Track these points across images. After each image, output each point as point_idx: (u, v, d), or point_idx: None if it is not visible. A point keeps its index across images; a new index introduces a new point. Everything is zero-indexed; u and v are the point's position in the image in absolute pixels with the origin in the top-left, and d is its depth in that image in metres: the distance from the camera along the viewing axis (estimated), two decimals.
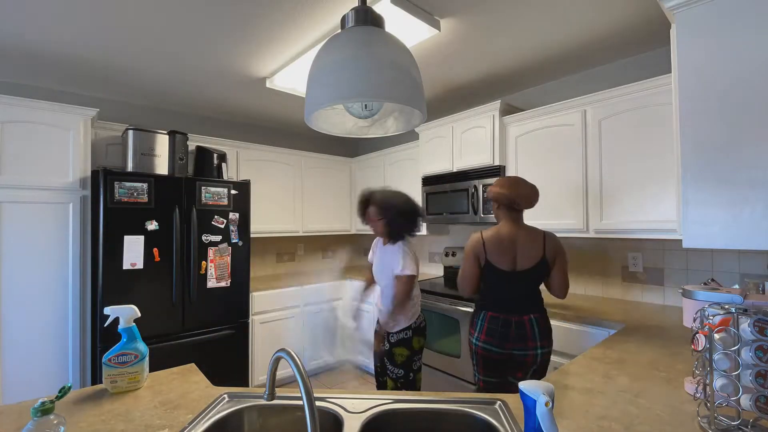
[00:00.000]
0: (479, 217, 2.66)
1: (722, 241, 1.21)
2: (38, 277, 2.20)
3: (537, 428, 0.72)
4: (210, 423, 0.96)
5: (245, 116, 3.49)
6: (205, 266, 2.64)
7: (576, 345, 1.95)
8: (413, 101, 0.84)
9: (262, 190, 3.34)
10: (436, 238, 3.53)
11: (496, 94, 3.02)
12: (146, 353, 1.19)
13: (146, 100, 3.01)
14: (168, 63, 2.35)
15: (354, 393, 1.08)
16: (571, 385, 1.11)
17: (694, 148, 1.27)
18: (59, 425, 0.81)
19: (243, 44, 2.11)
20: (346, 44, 0.83)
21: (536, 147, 2.45)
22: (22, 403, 1.06)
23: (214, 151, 2.90)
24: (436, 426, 0.99)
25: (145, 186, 2.41)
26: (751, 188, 1.16)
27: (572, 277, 2.58)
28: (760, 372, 0.78)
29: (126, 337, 1.16)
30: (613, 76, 2.42)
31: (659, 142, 1.94)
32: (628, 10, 1.84)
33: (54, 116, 2.27)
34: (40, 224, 2.22)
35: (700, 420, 0.87)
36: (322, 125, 1.02)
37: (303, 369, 0.73)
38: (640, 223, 2.00)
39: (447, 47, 2.19)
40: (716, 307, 0.86)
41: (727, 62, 1.21)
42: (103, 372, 1.12)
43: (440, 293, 2.63)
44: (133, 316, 1.17)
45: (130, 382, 1.14)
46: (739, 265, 1.94)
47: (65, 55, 2.22)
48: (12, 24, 1.88)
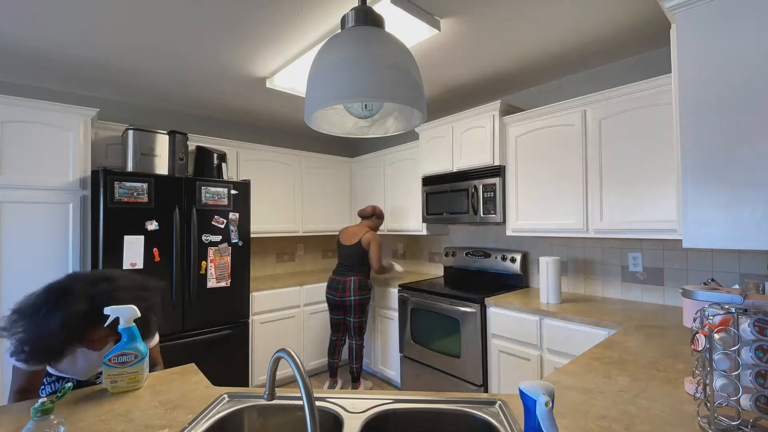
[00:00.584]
0: (479, 217, 2.66)
1: (722, 241, 1.21)
2: (38, 277, 2.20)
3: (537, 428, 0.72)
4: (210, 423, 0.96)
5: (245, 116, 3.49)
6: (205, 266, 2.64)
7: (576, 345, 1.95)
8: (413, 101, 0.84)
9: (262, 190, 3.34)
10: (436, 238, 3.53)
11: (496, 94, 3.02)
12: (146, 353, 1.19)
13: (146, 100, 3.01)
14: (168, 63, 2.35)
15: (354, 393, 1.08)
16: (571, 385, 1.11)
17: (694, 148, 1.27)
18: (59, 425, 0.81)
19: (243, 44, 2.11)
20: (346, 44, 0.83)
21: (536, 147, 2.45)
22: (22, 403, 1.05)
23: (214, 151, 2.90)
24: (436, 426, 0.99)
25: (145, 186, 2.41)
26: (751, 188, 1.16)
27: (572, 277, 2.58)
28: (760, 372, 0.78)
29: (126, 337, 1.16)
30: (613, 76, 2.42)
31: (659, 142, 1.94)
32: (628, 10, 1.84)
33: (54, 116, 2.27)
34: (40, 224, 2.22)
35: (700, 420, 0.87)
36: (322, 125, 1.02)
37: (303, 369, 0.73)
38: (640, 223, 2.00)
39: (447, 47, 2.19)
40: (716, 307, 0.86)
41: (728, 62, 1.21)
42: (104, 372, 1.12)
43: (440, 293, 2.63)
44: (133, 316, 1.18)
45: (130, 382, 1.14)
46: (739, 265, 1.94)
47: (65, 55, 2.22)
48: (12, 24, 1.88)
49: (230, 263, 2.76)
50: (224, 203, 2.75)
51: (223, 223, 2.74)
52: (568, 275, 2.59)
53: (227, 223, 2.76)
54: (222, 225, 2.73)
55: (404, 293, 2.90)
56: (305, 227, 3.64)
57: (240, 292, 2.81)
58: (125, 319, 1.16)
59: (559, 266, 2.27)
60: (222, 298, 2.72)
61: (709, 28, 1.24)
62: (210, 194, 2.69)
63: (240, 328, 2.81)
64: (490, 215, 2.60)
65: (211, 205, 2.69)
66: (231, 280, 2.76)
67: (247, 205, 2.87)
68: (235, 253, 2.79)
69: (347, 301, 2.91)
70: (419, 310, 2.76)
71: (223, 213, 2.74)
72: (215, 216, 2.71)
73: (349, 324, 2.96)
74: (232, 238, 2.78)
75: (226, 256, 2.74)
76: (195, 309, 2.59)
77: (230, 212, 2.78)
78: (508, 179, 2.60)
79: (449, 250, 3.25)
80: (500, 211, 2.57)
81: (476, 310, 2.37)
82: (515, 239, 2.92)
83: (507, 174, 2.61)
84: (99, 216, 2.28)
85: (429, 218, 3.03)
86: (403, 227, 3.39)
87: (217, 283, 2.69)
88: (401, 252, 3.90)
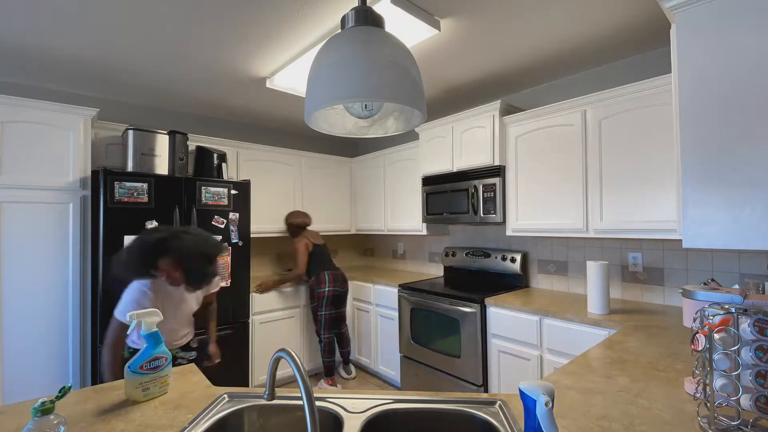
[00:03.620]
0: (479, 217, 2.66)
1: (722, 241, 1.21)
2: (38, 277, 2.20)
3: (537, 428, 0.72)
4: (210, 423, 0.96)
5: (245, 116, 3.49)
6: None
7: (576, 345, 1.95)
8: (413, 101, 0.84)
9: (262, 190, 3.34)
10: (436, 238, 3.53)
11: (496, 94, 3.02)
12: (171, 356, 1.17)
13: (146, 100, 3.01)
14: (168, 63, 2.35)
15: (354, 393, 1.08)
16: (571, 385, 1.11)
17: (694, 148, 1.27)
18: (59, 425, 0.81)
19: (243, 44, 2.11)
20: (346, 44, 0.83)
21: (536, 147, 2.45)
22: (22, 403, 1.05)
23: (214, 151, 2.90)
24: (436, 426, 0.99)
25: (145, 186, 2.41)
26: (751, 188, 1.16)
27: (572, 277, 2.58)
28: (760, 372, 0.78)
29: (152, 341, 1.13)
30: (613, 76, 2.42)
31: (659, 142, 1.94)
32: (628, 10, 1.84)
33: (54, 116, 2.27)
34: (40, 224, 2.21)
35: (700, 420, 0.87)
36: (322, 125, 1.02)
37: (303, 369, 0.73)
38: (640, 223, 2.00)
39: (447, 47, 2.19)
40: (716, 307, 0.86)
41: (728, 62, 1.21)
42: (133, 381, 1.07)
43: (440, 293, 2.63)
44: (156, 320, 1.15)
45: (162, 386, 1.11)
46: (739, 265, 1.94)
47: (65, 55, 2.22)
48: (12, 24, 1.88)
49: (230, 263, 2.76)
50: (224, 203, 2.75)
51: (223, 223, 2.74)
52: (568, 275, 2.59)
53: (227, 223, 2.76)
54: (222, 225, 2.73)
55: (404, 293, 2.90)
56: None
57: (240, 292, 2.81)
58: (147, 324, 1.15)
59: (608, 272, 2.00)
60: (222, 298, 2.71)
61: (709, 28, 1.25)
62: (210, 194, 2.69)
63: (240, 328, 2.81)
64: (490, 215, 2.60)
65: (211, 205, 2.69)
66: (231, 280, 2.76)
67: (247, 205, 2.87)
68: (235, 253, 2.79)
69: (347, 291, 3.24)
70: (419, 310, 2.76)
71: (223, 213, 2.74)
72: (215, 216, 2.71)
73: (344, 314, 3.26)
74: (232, 238, 2.78)
75: (226, 256, 2.74)
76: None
77: (230, 212, 2.78)
78: (508, 179, 2.60)
79: (449, 250, 3.25)
80: (500, 211, 2.57)
81: (476, 310, 2.37)
82: (515, 239, 2.92)
83: (507, 174, 2.61)
84: (99, 216, 2.28)
85: (429, 218, 3.03)
86: (403, 227, 3.39)
87: None
88: (401, 252, 3.90)
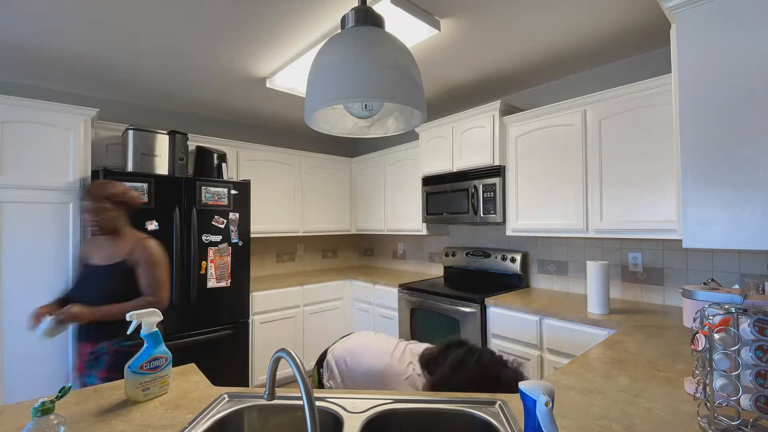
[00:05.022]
0: (479, 217, 2.66)
1: (722, 241, 1.21)
2: (38, 277, 2.20)
3: (537, 428, 0.72)
4: (210, 423, 0.96)
5: (245, 116, 3.49)
6: (205, 266, 2.64)
7: (576, 345, 1.95)
8: (413, 101, 0.84)
9: (262, 190, 3.34)
10: (437, 238, 3.53)
11: (496, 94, 3.02)
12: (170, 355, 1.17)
13: (146, 100, 3.01)
14: (168, 63, 2.35)
15: (354, 393, 1.08)
16: (571, 385, 1.11)
17: (694, 148, 1.27)
18: (59, 425, 0.81)
19: (243, 44, 2.11)
20: (346, 44, 0.83)
21: (536, 147, 2.45)
22: (22, 403, 1.05)
23: (214, 151, 2.91)
24: (436, 426, 0.99)
25: (145, 186, 2.41)
26: (751, 188, 1.16)
27: (572, 277, 2.58)
28: (760, 372, 0.78)
29: (152, 341, 1.13)
30: (613, 76, 2.42)
31: (659, 142, 1.93)
32: (628, 10, 1.84)
33: (54, 116, 2.27)
34: (40, 224, 2.21)
35: (700, 420, 0.87)
36: (322, 125, 1.02)
37: (303, 369, 0.73)
38: (640, 223, 2.00)
39: (447, 47, 2.18)
40: (716, 307, 0.86)
41: (728, 62, 1.21)
42: (130, 381, 1.07)
43: (440, 293, 2.63)
44: (156, 320, 1.15)
45: (162, 386, 1.11)
46: (739, 265, 1.94)
47: (65, 55, 2.22)
48: (12, 23, 1.88)
49: (230, 263, 2.76)
50: (224, 203, 2.75)
51: (223, 223, 2.74)
52: (568, 275, 2.59)
53: (227, 223, 2.76)
54: (222, 225, 2.73)
55: (404, 293, 2.90)
56: (305, 227, 3.64)
57: (240, 292, 2.81)
58: (148, 324, 1.14)
59: (608, 272, 2.01)
60: (222, 298, 2.71)
61: (709, 28, 1.25)
62: (210, 194, 2.69)
63: (240, 328, 2.81)
64: (490, 215, 2.60)
65: (211, 205, 2.69)
66: (231, 280, 2.76)
67: (247, 205, 2.87)
68: (235, 253, 2.79)
69: None
70: (419, 310, 2.76)
71: (223, 213, 2.74)
72: (215, 216, 2.71)
73: None
74: (232, 238, 2.78)
75: (226, 256, 2.74)
76: (195, 309, 2.59)
77: (230, 212, 2.78)
78: (508, 179, 2.60)
79: (449, 250, 3.25)
80: (500, 211, 2.57)
81: (476, 310, 2.37)
82: (515, 239, 2.92)
83: (507, 174, 2.61)
84: None
85: (429, 218, 3.03)
86: (403, 227, 3.39)
87: (217, 283, 2.69)
88: (401, 252, 3.90)
